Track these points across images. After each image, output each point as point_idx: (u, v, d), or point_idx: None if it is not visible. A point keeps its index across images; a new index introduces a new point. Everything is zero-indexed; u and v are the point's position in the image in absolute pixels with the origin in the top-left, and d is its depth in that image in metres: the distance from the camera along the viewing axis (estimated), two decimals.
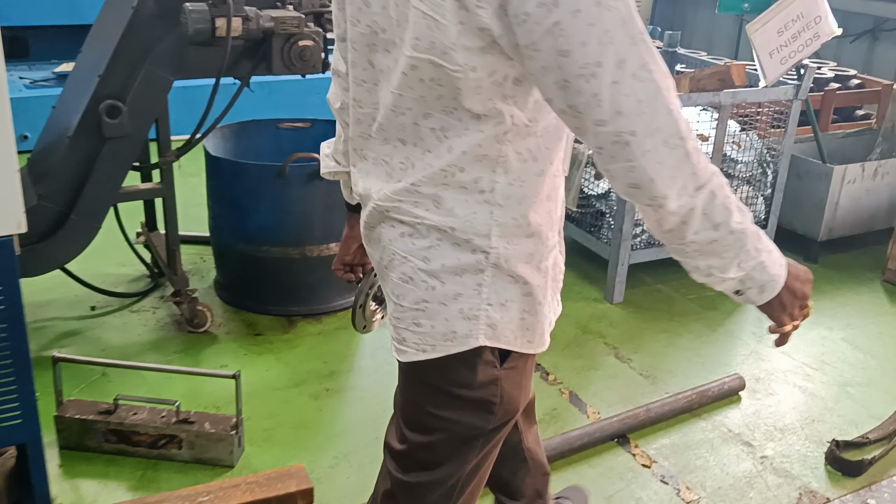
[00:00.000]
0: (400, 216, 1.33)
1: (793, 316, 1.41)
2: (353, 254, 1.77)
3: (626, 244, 3.53)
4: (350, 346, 3.21)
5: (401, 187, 1.31)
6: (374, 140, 1.36)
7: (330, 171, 1.67)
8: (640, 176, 1.17)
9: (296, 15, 2.85)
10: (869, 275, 4.04)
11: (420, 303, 1.34)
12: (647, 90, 1.13)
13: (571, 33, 1.09)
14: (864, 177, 4.08)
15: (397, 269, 1.35)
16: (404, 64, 1.22)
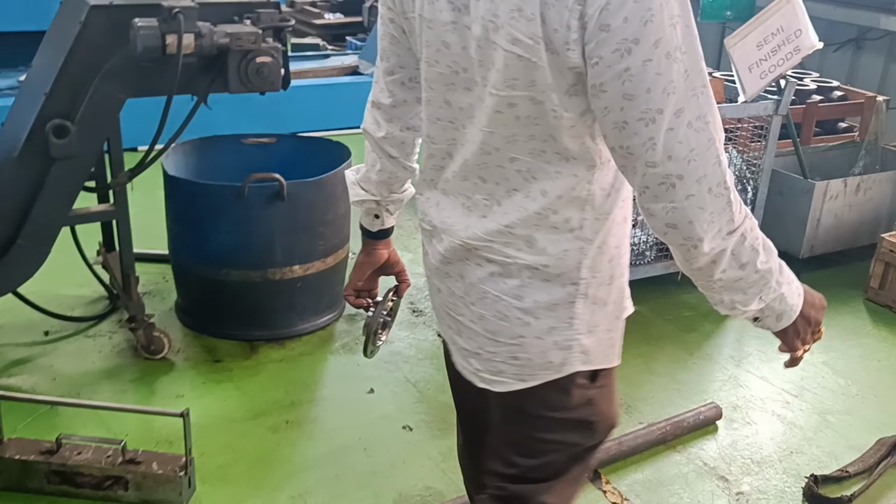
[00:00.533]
0: (490, 255, 1.38)
1: (804, 341, 1.47)
2: (366, 280, 1.78)
3: None
4: (314, 373, 3.09)
5: (493, 228, 1.37)
6: (450, 175, 1.42)
7: (359, 199, 1.69)
8: (680, 217, 1.23)
9: (252, 30, 2.73)
10: (852, 293, 3.94)
11: (517, 338, 1.39)
12: (699, 140, 1.20)
13: (639, 80, 1.15)
14: (846, 192, 3.98)
15: (490, 307, 1.40)
16: (497, 102, 1.28)
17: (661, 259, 3.61)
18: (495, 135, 1.31)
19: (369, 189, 1.66)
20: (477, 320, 1.43)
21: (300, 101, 5.82)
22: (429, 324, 3.47)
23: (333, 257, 3.30)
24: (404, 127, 1.57)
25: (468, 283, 1.42)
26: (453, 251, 1.43)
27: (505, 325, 1.40)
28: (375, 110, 1.58)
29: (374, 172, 1.64)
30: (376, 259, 1.74)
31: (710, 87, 1.21)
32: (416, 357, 3.22)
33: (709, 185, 1.21)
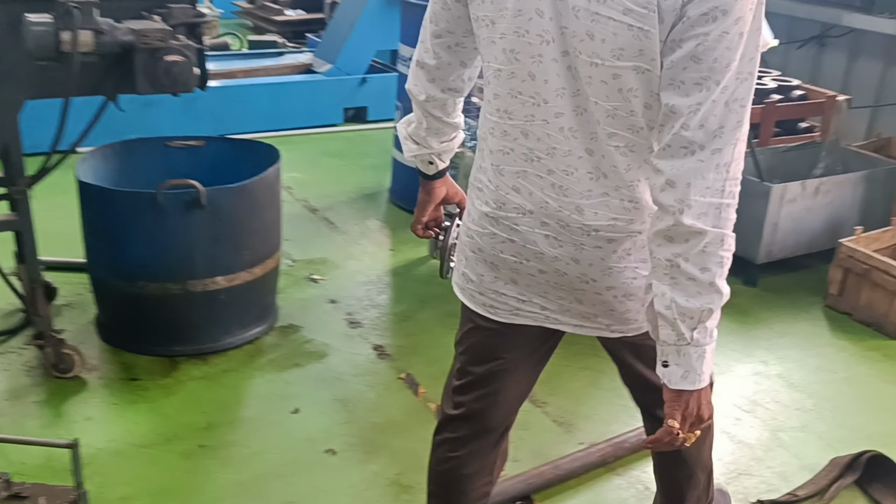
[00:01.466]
0: (612, 233, 1.49)
1: (685, 419, 1.45)
2: (429, 215, 1.90)
3: None
4: (236, 392, 2.90)
5: (604, 203, 1.46)
6: (526, 154, 1.48)
7: (413, 154, 1.79)
8: (682, 178, 1.31)
9: (160, 27, 2.53)
10: (811, 299, 3.79)
11: (647, 288, 1.45)
12: (731, 120, 1.30)
13: (711, 48, 1.26)
14: (804, 195, 3.84)
15: (618, 277, 1.53)
16: (600, 73, 1.35)
17: None
18: (593, 108, 1.39)
19: (421, 142, 1.77)
20: (605, 291, 1.55)
21: (249, 101, 5.62)
22: (365, 336, 3.28)
23: (261, 267, 3.11)
24: (446, 88, 1.66)
25: (586, 265, 1.52)
26: (565, 234, 1.51)
27: (637, 283, 1.53)
28: (419, 70, 1.66)
29: (422, 129, 1.74)
30: (436, 196, 1.87)
31: (755, 77, 1.32)
32: (348, 373, 3.03)
33: (718, 161, 1.30)
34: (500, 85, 1.47)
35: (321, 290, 3.64)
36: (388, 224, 4.39)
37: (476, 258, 1.63)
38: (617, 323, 1.61)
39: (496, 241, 1.58)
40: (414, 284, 3.74)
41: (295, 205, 4.56)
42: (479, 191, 1.60)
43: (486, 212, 1.57)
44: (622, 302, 1.56)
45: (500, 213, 1.55)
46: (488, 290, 1.64)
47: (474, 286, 1.67)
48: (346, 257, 3.97)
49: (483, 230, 1.59)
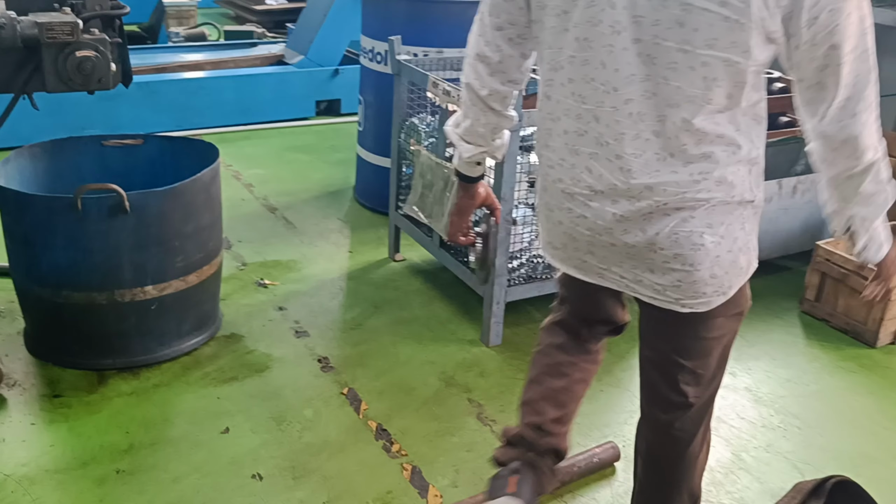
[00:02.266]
0: (680, 204, 1.56)
1: (885, 280, 1.74)
2: (468, 220, 1.99)
3: (500, 281, 3.06)
4: (165, 409, 2.72)
5: (677, 179, 1.54)
6: (597, 137, 1.57)
7: (470, 154, 1.83)
8: (851, 132, 1.51)
9: (68, 20, 2.35)
10: (786, 304, 3.61)
11: (713, 259, 1.61)
12: (864, 68, 1.48)
13: (844, 32, 1.43)
14: (781, 194, 3.65)
15: (684, 244, 1.59)
16: (692, 60, 1.44)
17: None
18: (667, 92, 1.48)
19: (475, 141, 1.81)
20: (672, 259, 1.61)
21: (215, 94, 5.43)
22: (311, 346, 3.10)
23: (197, 275, 2.93)
24: (506, 80, 1.71)
25: (652, 234, 1.59)
26: (633, 210, 1.58)
27: (701, 253, 1.59)
28: (479, 64, 1.70)
29: (479, 125, 1.77)
30: (477, 199, 1.95)
31: (873, 29, 1.49)
32: (287, 388, 2.86)
33: (869, 104, 1.50)
34: (575, 71, 1.56)
35: (270, 295, 3.46)
36: (350, 224, 4.20)
37: (557, 230, 1.73)
38: (686, 297, 1.66)
39: (572, 216, 1.68)
40: (368, 288, 3.56)
41: (253, 203, 4.38)
42: (551, 168, 1.69)
43: (562, 188, 1.67)
44: (689, 272, 1.62)
45: (575, 190, 1.64)
46: (573, 256, 1.75)
47: (562, 252, 1.77)
48: (301, 260, 3.79)
49: (561, 205, 1.69)
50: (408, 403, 2.81)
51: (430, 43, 3.92)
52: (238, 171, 4.82)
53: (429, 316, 3.36)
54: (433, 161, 3.31)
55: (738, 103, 1.51)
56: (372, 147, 4.23)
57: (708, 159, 1.53)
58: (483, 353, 3.12)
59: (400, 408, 2.78)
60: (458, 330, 3.27)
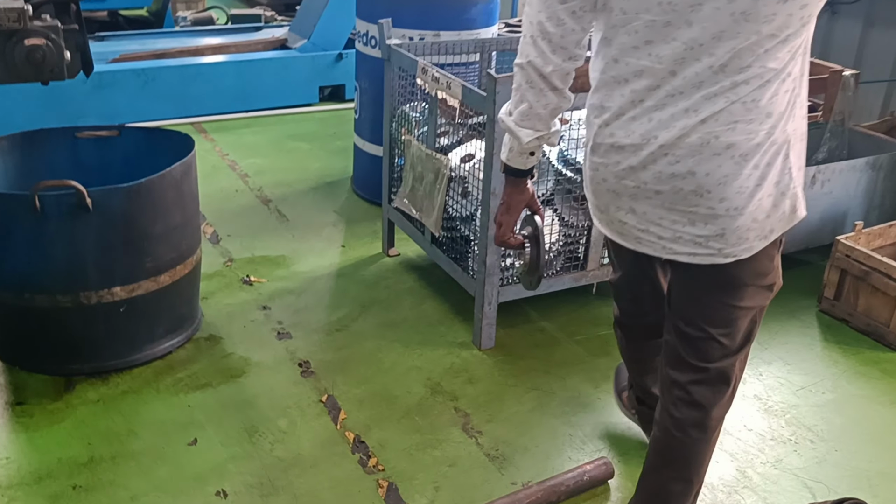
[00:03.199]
0: (732, 145, 1.63)
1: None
2: (517, 220, 1.98)
3: (492, 280, 2.87)
4: (130, 418, 2.57)
5: (734, 128, 1.62)
6: (670, 91, 1.63)
7: (532, 138, 1.79)
8: None
9: (15, 6, 2.17)
10: (804, 303, 3.38)
11: (756, 201, 1.68)
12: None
13: None
14: None
15: (730, 186, 1.65)
16: (792, 6, 1.54)
17: (570, 270, 3.06)
18: (752, 46, 1.56)
19: (534, 126, 1.78)
20: (717, 204, 1.67)
21: (215, 80, 5.27)
22: (292, 350, 2.94)
23: (169, 275, 2.77)
24: (567, 58, 1.71)
25: (702, 175, 1.65)
26: (688, 156, 1.65)
27: (744, 195, 1.66)
28: (542, 41, 1.70)
29: (539, 107, 1.76)
30: (528, 195, 1.93)
31: None
32: (263, 395, 2.70)
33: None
34: (654, 34, 1.62)
35: (255, 294, 3.30)
36: (345, 217, 4.03)
37: (601, 189, 1.78)
38: (729, 245, 1.71)
39: (619, 169, 1.72)
40: (358, 287, 3.38)
41: (247, 195, 4.21)
42: (604, 126, 1.72)
43: (613, 143, 1.71)
44: (734, 217, 1.67)
45: (627, 142, 1.69)
46: (615, 219, 1.80)
47: (605, 216, 1.83)
48: (291, 255, 3.62)
49: (608, 161, 1.73)
50: (389, 413, 2.64)
51: (426, 25, 3.72)
52: (235, 160, 4.66)
53: (419, 317, 3.18)
54: (424, 152, 3.12)
55: (795, 50, 1.61)
56: (368, 136, 4.04)
57: (776, 110, 1.62)
58: (474, 358, 2.93)
59: (380, 418, 2.61)
60: (448, 332, 3.09)
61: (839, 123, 3.86)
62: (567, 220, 2.96)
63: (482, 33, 3.84)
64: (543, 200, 2.92)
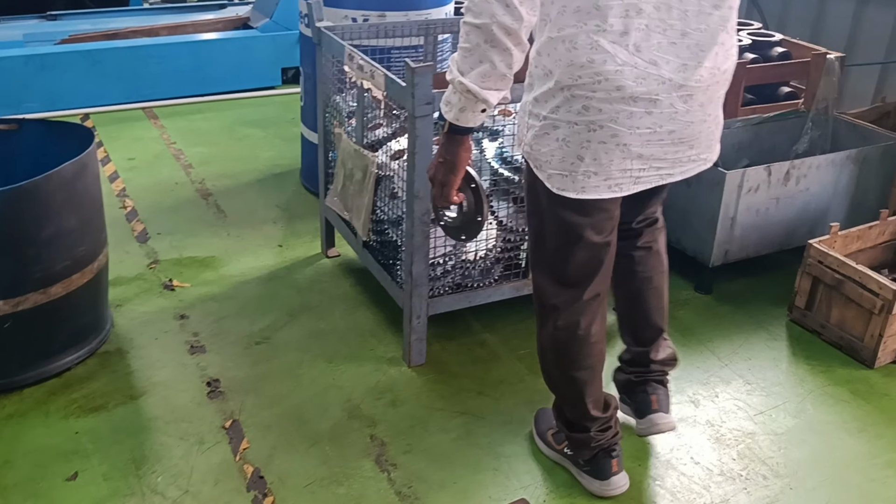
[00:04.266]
0: (721, 75, 1.82)
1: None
2: None
3: (420, 291, 2.60)
4: (10, 445, 2.32)
5: (726, 50, 1.82)
6: (665, 20, 1.70)
7: (496, 102, 1.78)
8: None
9: None
10: (774, 311, 3.09)
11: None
12: None
13: None
14: (771, 182, 3.10)
15: (714, 113, 1.87)
16: None
17: (510, 279, 2.78)
18: None
19: (499, 86, 1.76)
20: (712, 121, 1.86)
21: (168, 62, 4.99)
22: (203, 365, 2.69)
23: (63, 285, 2.52)
24: (531, 10, 1.70)
25: (708, 102, 1.80)
26: (697, 86, 1.74)
27: (722, 118, 1.92)
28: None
29: (505, 66, 1.73)
30: (471, 150, 1.92)
31: None
32: (162, 419, 2.45)
33: None
34: None
35: (175, 301, 3.04)
36: (288, 212, 3.76)
37: (605, 147, 1.75)
38: (711, 151, 1.93)
39: (634, 119, 1.71)
40: (290, 292, 3.12)
41: (187, 188, 3.95)
42: (604, 80, 1.68)
43: (622, 95, 1.69)
44: (718, 127, 1.91)
45: (640, 90, 1.69)
46: (614, 171, 1.78)
47: (599, 177, 1.79)
48: (222, 256, 3.36)
49: (619, 114, 1.71)
50: (298, 440, 2.38)
51: (369, 6, 3.42)
52: (181, 149, 4.39)
53: (349, 327, 2.91)
54: (352, 147, 2.84)
55: None
56: (312, 124, 3.75)
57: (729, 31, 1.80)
58: (402, 375, 2.67)
59: (287, 446, 2.36)
60: (379, 345, 2.82)
61: (823, 111, 3.55)
62: (506, 224, 2.68)
63: (433, 14, 3.53)
64: None
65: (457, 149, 1.86)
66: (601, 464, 2.17)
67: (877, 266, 3.08)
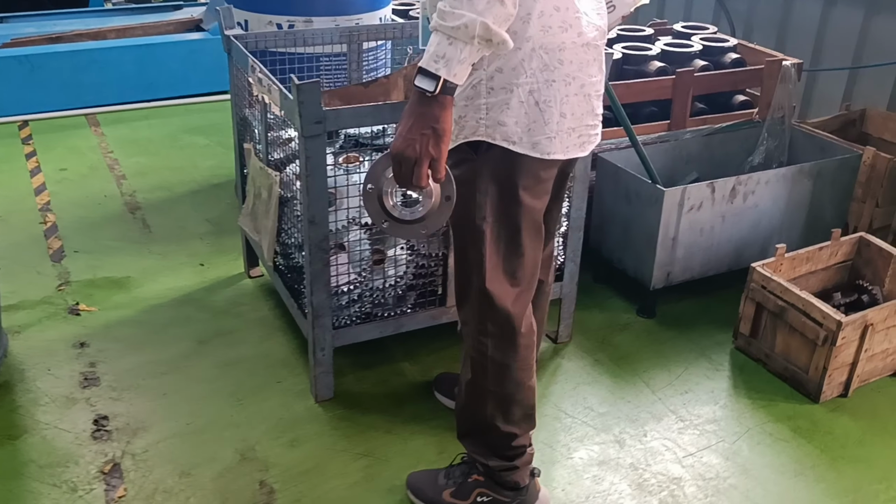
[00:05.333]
0: None
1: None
2: None
3: (323, 322, 2.40)
4: None
5: None
6: None
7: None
8: None
9: None
10: (719, 337, 2.89)
11: None
12: None
13: None
14: (716, 199, 2.90)
15: None
16: None
17: (426, 307, 2.58)
18: None
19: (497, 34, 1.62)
20: None
21: (112, 67, 4.80)
22: (94, 401, 2.50)
23: None
24: None
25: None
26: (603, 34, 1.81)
27: None
28: None
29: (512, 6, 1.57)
30: None
31: None
32: (37, 463, 2.25)
33: None
34: None
35: (79, 326, 2.86)
36: (218, 227, 3.56)
37: (576, 100, 1.75)
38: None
39: (590, 69, 1.76)
40: (204, 316, 2.93)
41: (115, 202, 3.76)
42: (562, 32, 1.68)
43: (581, 43, 1.72)
44: None
45: (589, 38, 1.73)
46: (583, 126, 1.80)
47: (574, 133, 1.78)
48: (138, 276, 3.17)
49: (582, 63, 1.74)
50: (179, 488, 2.19)
51: (295, 10, 3.23)
52: (117, 159, 4.20)
53: (261, 356, 2.73)
54: (258, 165, 2.65)
55: None
56: None
57: None
58: (307, 412, 2.48)
59: (165, 496, 2.17)
60: (289, 377, 2.63)
61: (779, 121, 3.35)
62: (417, 249, 2.48)
63: (364, 19, 3.34)
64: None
65: (445, 113, 1.59)
66: (530, 487, 2.08)
67: (829, 289, 2.88)
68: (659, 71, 3.28)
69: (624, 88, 3.11)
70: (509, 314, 1.89)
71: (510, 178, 1.78)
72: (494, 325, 1.91)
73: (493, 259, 1.86)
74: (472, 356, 1.98)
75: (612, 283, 3.16)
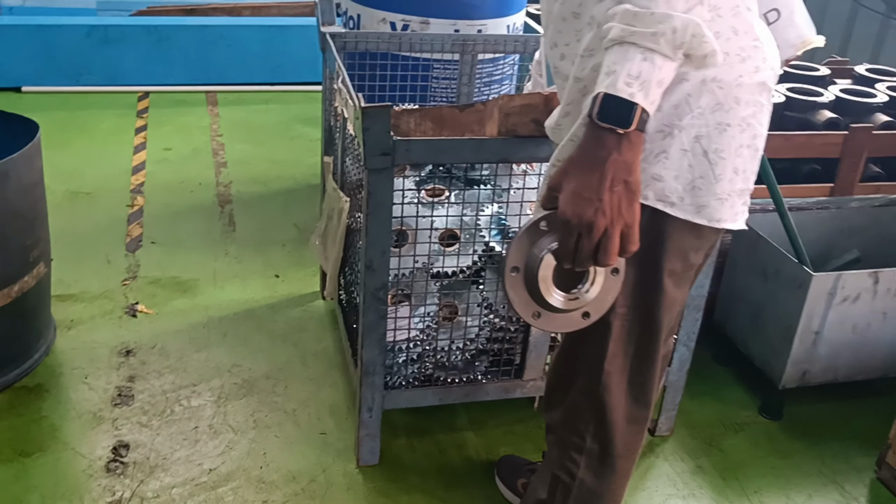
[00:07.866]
0: None
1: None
2: None
3: (372, 381, 2.05)
4: None
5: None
6: None
7: None
8: None
9: None
10: (858, 460, 2.35)
11: None
12: None
13: None
14: (878, 292, 2.35)
15: None
16: None
17: (500, 377, 2.18)
18: None
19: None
20: None
21: (238, 46, 4.64)
22: (121, 423, 2.26)
23: None
24: None
25: None
26: None
27: None
28: None
29: None
30: None
31: None
32: (39, 493, 2.03)
33: None
34: None
35: (130, 331, 2.64)
36: (303, 235, 3.29)
37: (748, 153, 1.34)
38: None
39: (762, 116, 1.35)
40: (262, 339, 2.65)
41: (208, 192, 3.56)
42: (740, 62, 1.29)
43: (758, 81, 1.31)
44: None
45: (765, 77, 1.32)
46: (748, 189, 1.38)
47: (743, 196, 1.37)
48: (207, 280, 2.93)
49: (756, 107, 1.32)
50: None
51: (413, 9, 2.88)
52: (223, 143, 4.02)
53: (309, 398, 2.41)
54: (332, 185, 2.33)
55: None
56: None
57: None
58: (344, 478, 2.14)
59: None
60: (335, 431, 2.30)
61: None
62: (495, 308, 2.09)
63: (489, 26, 2.95)
64: (469, 278, 2.07)
65: (638, 158, 1.18)
66: None
67: None
68: (829, 123, 2.73)
69: (782, 140, 2.60)
70: (620, 433, 1.49)
71: (656, 255, 1.35)
72: (595, 442, 1.50)
73: (617, 361, 1.44)
74: (556, 473, 1.57)
75: (735, 366, 2.66)
